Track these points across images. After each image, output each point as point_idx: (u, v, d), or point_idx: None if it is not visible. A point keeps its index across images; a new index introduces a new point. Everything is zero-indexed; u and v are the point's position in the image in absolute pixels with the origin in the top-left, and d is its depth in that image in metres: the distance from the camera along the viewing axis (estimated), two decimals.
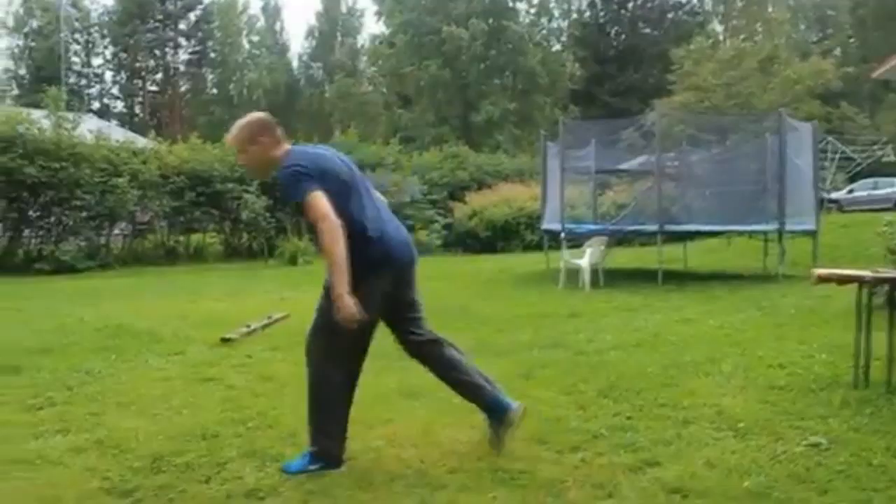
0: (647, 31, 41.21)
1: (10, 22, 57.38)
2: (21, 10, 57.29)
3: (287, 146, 3.80)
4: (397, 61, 36.80)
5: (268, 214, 17.72)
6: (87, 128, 17.98)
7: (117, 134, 20.48)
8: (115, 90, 62.42)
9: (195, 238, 19.93)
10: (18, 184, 16.08)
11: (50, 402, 5.22)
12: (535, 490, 3.49)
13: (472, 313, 9.23)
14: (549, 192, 14.62)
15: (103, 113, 52.13)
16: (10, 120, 16.55)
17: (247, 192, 17.81)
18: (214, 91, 62.47)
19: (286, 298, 10.65)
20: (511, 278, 13.83)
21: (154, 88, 61.02)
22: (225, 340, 7.02)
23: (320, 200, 3.48)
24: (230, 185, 18.36)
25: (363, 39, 57.75)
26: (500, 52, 34.57)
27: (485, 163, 24.88)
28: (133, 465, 3.88)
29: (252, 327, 7.54)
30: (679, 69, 23.03)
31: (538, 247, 17.86)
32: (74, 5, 58.40)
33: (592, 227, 13.43)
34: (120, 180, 16.82)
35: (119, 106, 61.24)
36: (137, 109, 61.43)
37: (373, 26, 71.28)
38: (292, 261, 16.81)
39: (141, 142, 20.53)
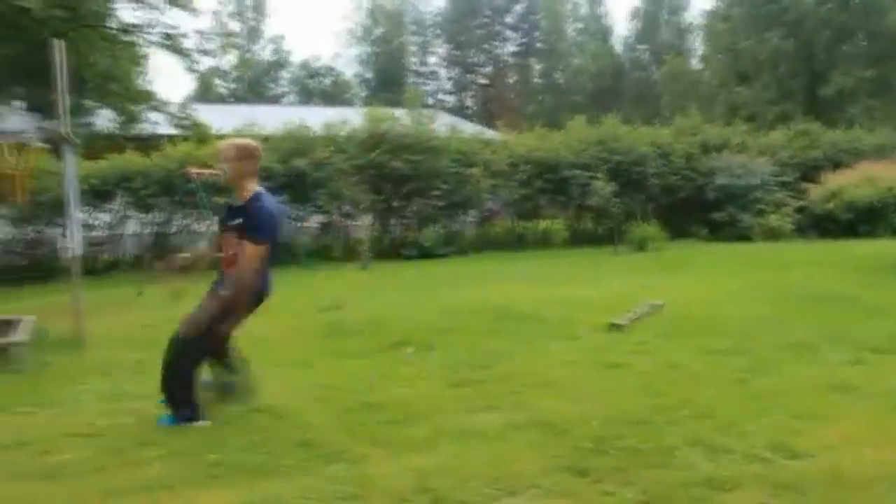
0: None
1: (359, 31, 62.91)
2: (368, 20, 62.59)
3: (256, 184, 4.72)
4: (733, 36, 34.95)
5: (616, 200, 17.64)
6: (441, 123, 19.13)
7: (467, 128, 21.51)
8: (447, 86, 66.20)
9: (542, 224, 20.37)
10: (385, 176, 17.54)
11: (468, 380, 5.55)
12: None
13: (863, 304, 8.43)
14: None
15: (437, 108, 55.48)
16: (375, 119, 18.09)
17: (595, 178, 17.88)
18: (540, 80, 63.93)
19: (648, 286, 10.49)
20: (890, 266, 12.51)
21: (484, 81, 63.77)
22: (614, 326, 7.05)
23: (261, 254, 4.55)
24: (577, 172, 18.55)
25: (691, 16, 55.94)
26: (851, 15, 31.46)
27: (839, 140, 22.80)
28: (578, 446, 3.97)
29: (637, 314, 7.49)
30: None
31: None
32: (414, 10, 62.77)
33: None
34: (474, 170, 17.68)
35: (451, 100, 64.65)
36: (469, 102, 64.61)
37: (701, 2, 68.69)
38: (641, 247, 16.60)
39: (488, 133, 21.47)
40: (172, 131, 12.67)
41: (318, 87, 61.86)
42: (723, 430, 4.07)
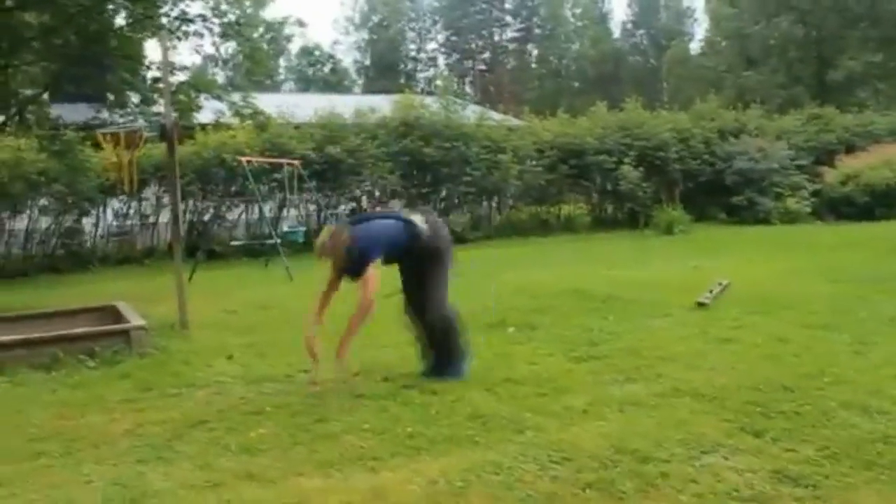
0: None
1: (357, 19, 62.98)
2: (365, 7, 62.65)
3: None
4: (740, 21, 35.36)
5: (644, 185, 18.00)
6: (470, 110, 19.43)
7: (493, 115, 21.80)
8: (446, 73, 66.38)
9: (565, 209, 20.71)
10: (417, 163, 17.84)
11: (591, 355, 5.85)
12: None
13: None
14: None
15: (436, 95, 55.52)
16: (406, 106, 18.36)
17: (622, 163, 18.22)
18: (538, 66, 64.17)
19: (699, 267, 10.85)
20: None
21: (482, 68, 64.01)
22: (700, 304, 7.40)
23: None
24: (602, 157, 18.90)
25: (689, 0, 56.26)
26: (859, 0, 31.91)
27: (852, 123, 23.20)
28: (741, 411, 4.28)
29: (714, 293, 7.84)
30: None
31: None
32: None
33: None
34: (504, 156, 17.99)
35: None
36: (467, 89, 64.82)
37: None
38: (668, 230, 16.99)
39: (514, 121, 21.77)
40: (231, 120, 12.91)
41: (317, 75, 61.80)
42: (872, 394, 4.42)
